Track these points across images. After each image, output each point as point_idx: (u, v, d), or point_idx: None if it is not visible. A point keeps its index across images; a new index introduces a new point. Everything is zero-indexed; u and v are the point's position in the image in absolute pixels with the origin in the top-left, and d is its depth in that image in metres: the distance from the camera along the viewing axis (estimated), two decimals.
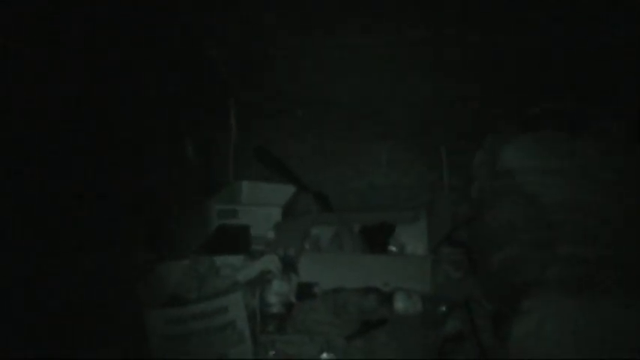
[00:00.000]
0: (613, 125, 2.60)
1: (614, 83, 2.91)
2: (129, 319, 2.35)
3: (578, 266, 2.08)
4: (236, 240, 2.92)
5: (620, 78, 2.91)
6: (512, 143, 2.49)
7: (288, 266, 2.79)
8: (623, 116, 2.60)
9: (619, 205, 2.27)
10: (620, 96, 2.89)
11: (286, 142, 3.37)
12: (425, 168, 3.22)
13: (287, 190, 3.25)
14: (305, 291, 2.73)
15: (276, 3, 3.15)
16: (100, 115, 2.74)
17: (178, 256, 2.72)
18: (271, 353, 2.40)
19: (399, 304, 2.63)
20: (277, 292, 2.67)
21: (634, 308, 1.91)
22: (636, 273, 2.06)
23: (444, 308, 2.56)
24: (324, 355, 2.41)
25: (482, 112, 3.02)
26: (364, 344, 2.52)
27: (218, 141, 3.36)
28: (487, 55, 3.00)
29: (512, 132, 2.61)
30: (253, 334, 2.40)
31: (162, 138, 3.08)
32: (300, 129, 3.35)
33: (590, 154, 2.41)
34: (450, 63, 3.12)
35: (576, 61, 2.90)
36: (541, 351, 1.94)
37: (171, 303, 2.48)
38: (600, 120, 2.58)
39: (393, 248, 2.86)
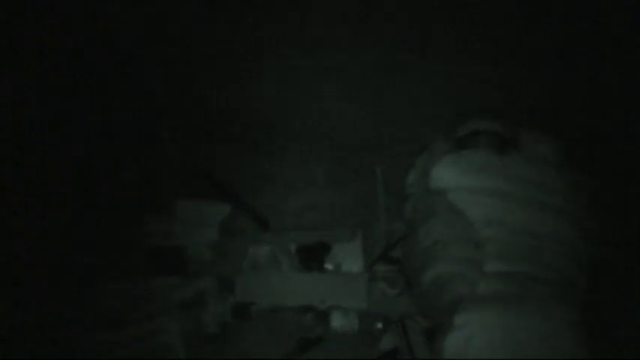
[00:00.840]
0: (542, 147, 2.71)
1: (545, 107, 3.02)
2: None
3: (506, 282, 2.15)
4: (171, 261, 2.88)
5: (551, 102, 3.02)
6: (443, 162, 2.55)
7: (225, 286, 2.78)
8: (553, 139, 2.70)
9: (546, 223, 2.36)
10: (550, 119, 2.99)
11: (223, 162, 3.35)
12: (361, 187, 3.25)
13: (223, 210, 3.23)
14: (241, 311, 2.72)
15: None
16: None
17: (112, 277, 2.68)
18: None
19: (336, 322, 2.66)
20: (213, 313, 2.66)
21: (560, 323, 1.99)
22: (561, 288, 2.15)
23: (379, 325, 2.60)
24: None
25: (416, 132, 3.08)
26: None
27: (155, 160, 3.31)
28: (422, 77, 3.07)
29: (444, 151, 2.68)
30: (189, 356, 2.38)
31: None
32: (236, 150, 3.34)
33: (520, 173, 2.49)
34: (387, 85, 3.18)
35: (510, 85, 3.00)
36: None
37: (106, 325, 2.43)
38: (531, 141, 2.68)
39: (329, 267, 2.88)
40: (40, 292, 2.55)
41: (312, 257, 2.90)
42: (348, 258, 2.87)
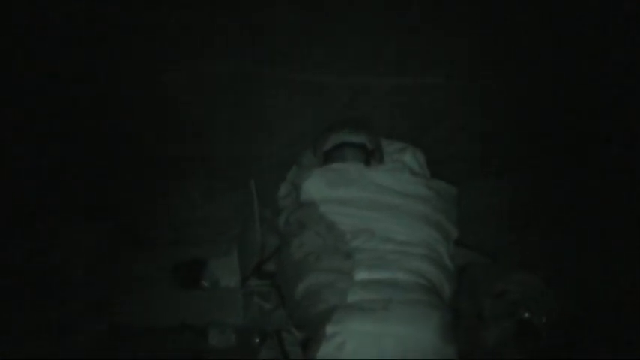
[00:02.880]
0: (405, 156, 2.84)
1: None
2: None
3: (374, 289, 2.24)
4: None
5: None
6: (312, 176, 2.62)
7: (99, 306, 2.71)
8: (414, 148, 2.85)
9: (411, 230, 2.48)
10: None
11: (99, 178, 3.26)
12: (239, 201, 3.25)
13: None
14: (117, 331, 2.66)
15: None
16: None
17: None
18: None
19: (213, 339, 2.65)
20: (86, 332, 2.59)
21: (427, 327, 2.09)
22: (428, 293, 2.26)
23: (257, 340, 2.61)
24: None
25: (288, 146, 3.13)
26: None
27: None
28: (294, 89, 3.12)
29: (312, 165, 2.75)
30: None
31: None
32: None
33: (384, 183, 2.60)
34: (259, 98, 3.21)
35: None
36: None
37: None
38: (394, 151, 2.80)
39: (205, 283, 2.87)
40: None
41: (189, 274, 2.88)
42: (224, 273, 2.87)
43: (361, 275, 2.31)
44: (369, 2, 2.82)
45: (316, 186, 2.59)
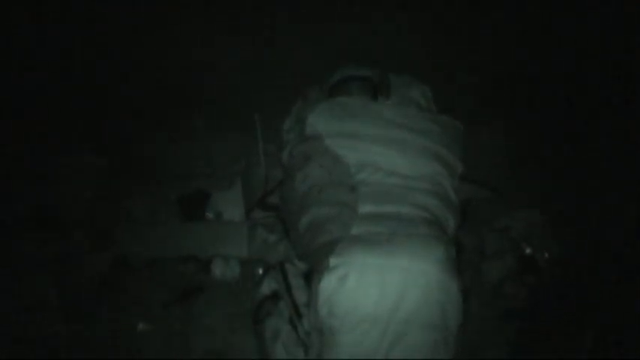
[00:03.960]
0: (412, 91, 2.80)
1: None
2: None
3: (378, 223, 2.23)
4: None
5: None
6: (318, 109, 2.58)
7: (103, 239, 2.73)
8: (421, 82, 2.82)
9: (415, 164, 2.46)
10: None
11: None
12: (240, 134, 3.24)
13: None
14: (121, 263, 2.69)
15: None
16: None
17: None
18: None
19: (217, 270, 2.68)
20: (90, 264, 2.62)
21: (430, 260, 2.09)
22: (431, 227, 2.26)
23: (260, 271, 2.64)
24: (141, 326, 2.40)
25: (293, 79, 3.09)
26: (183, 311, 2.55)
27: None
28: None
29: (318, 98, 2.71)
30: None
31: None
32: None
33: (390, 117, 2.56)
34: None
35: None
36: (347, 303, 2.06)
37: None
38: (401, 86, 2.77)
39: (210, 215, 2.88)
40: None
41: (193, 207, 2.89)
42: (228, 206, 2.88)
43: (365, 208, 2.30)
44: None
45: (322, 119, 2.55)
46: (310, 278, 2.24)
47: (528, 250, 2.59)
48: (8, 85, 3.04)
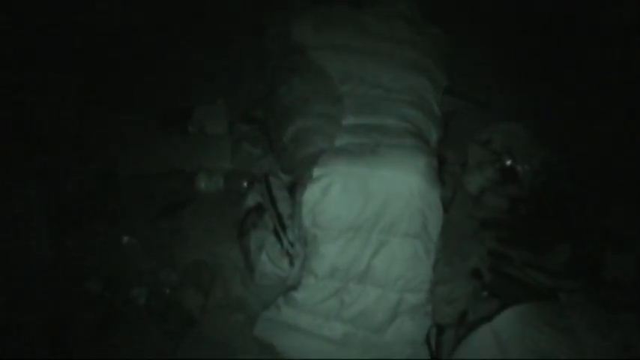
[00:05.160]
0: (399, 3, 2.75)
1: None
2: None
3: (361, 134, 2.24)
4: None
5: None
6: (302, 19, 2.54)
7: (88, 153, 2.72)
8: None
9: (399, 76, 2.45)
10: None
11: None
12: (225, 52, 3.18)
13: None
14: (106, 177, 2.68)
15: None
16: None
17: None
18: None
19: (201, 183, 2.68)
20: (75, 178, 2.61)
21: (411, 169, 2.11)
22: (413, 138, 2.27)
23: (245, 184, 2.65)
24: (126, 239, 2.42)
25: None
26: (169, 225, 2.57)
27: None
28: None
29: (302, 7, 2.66)
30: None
31: None
32: None
33: (375, 28, 2.53)
34: None
35: None
36: (330, 213, 2.10)
37: None
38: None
39: (192, 129, 2.86)
40: None
41: (175, 121, 2.87)
42: (210, 120, 2.85)
43: (349, 120, 2.31)
44: None
45: (305, 30, 2.52)
46: (294, 190, 2.26)
47: (509, 162, 2.61)
48: None
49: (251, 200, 2.45)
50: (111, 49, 3.13)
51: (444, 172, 2.37)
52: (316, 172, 2.10)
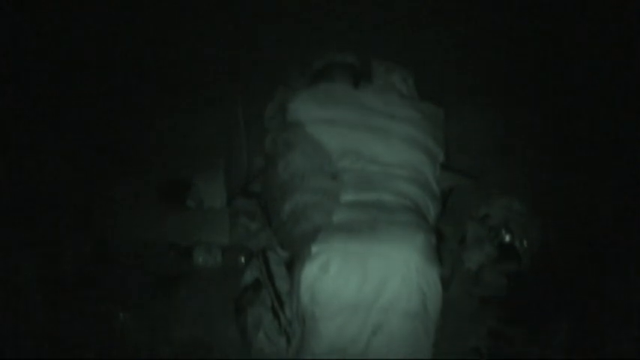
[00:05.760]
0: (393, 76, 2.81)
1: None
2: None
3: (360, 210, 2.25)
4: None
5: None
6: (300, 95, 2.59)
7: (82, 224, 2.72)
8: (402, 68, 2.84)
9: (397, 152, 2.47)
10: None
11: None
12: (223, 119, 3.21)
13: None
14: (102, 250, 2.67)
15: None
16: None
17: None
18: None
19: (199, 257, 2.67)
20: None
21: (411, 247, 2.11)
22: (413, 215, 2.28)
23: (242, 259, 2.64)
24: (121, 315, 2.39)
25: (275, 67, 3.09)
26: (165, 299, 2.54)
27: None
28: None
29: (301, 85, 2.71)
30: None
31: None
32: None
33: (372, 104, 2.57)
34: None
35: None
36: (329, 290, 2.08)
37: None
38: (382, 71, 2.78)
39: (191, 203, 2.87)
40: None
41: (173, 193, 2.87)
42: (209, 193, 2.86)
43: (347, 196, 2.32)
44: None
45: (304, 106, 2.55)
46: (292, 266, 2.25)
47: (507, 238, 2.61)
48: None
49: (249, 276, 2.44)
50: (106, 112, 3.18)
51: (443, 249, 2.36)
52: (314, 248, 2.10)
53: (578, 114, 3.11)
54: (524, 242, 2.59)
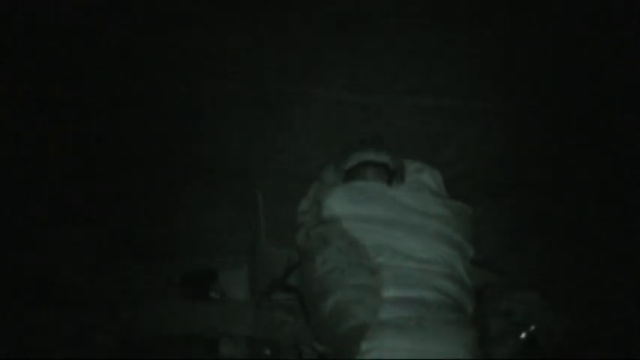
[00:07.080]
0: (423, 176, 2.92)
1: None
2: None
3: (405, 307, 2.29)
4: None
5: None
6: (335, 192, 2.66)
7: (107, 318, 2.66)
8: (432, 167, 2.95)
9: (431, 248, 2.54)
10: None
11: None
12: (234, 212, 3.24)
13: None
14: (129, 346, 2.61)
15: None
16: None
17: None
18: None
19: (225, 350, 2.64)
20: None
21: (456, 345, 2.15)
22: (452, 311, 2.33)
23: (268, 352, 2.62)
24: None
25: (306, 162, 3.17)
26: None
27: None
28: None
29: (334, 182, 2.79)
30: None
31: None
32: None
33: (405, 202, 2.66)
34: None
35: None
36: None
37: None
38: (413, 171, 2.89)
39: (214, 295, 2.85)
40: None
41: (197, 285, 2.86)
42: (233, 285, 2.86)
43: (389, 292, 2.36)
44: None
45: (339, 202, 2.62)
46: None
47: (532, 333, 2.67)
48: None
49: None
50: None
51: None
52: (364, 345, 2.12)
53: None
54: (549, 337, 2.65)
